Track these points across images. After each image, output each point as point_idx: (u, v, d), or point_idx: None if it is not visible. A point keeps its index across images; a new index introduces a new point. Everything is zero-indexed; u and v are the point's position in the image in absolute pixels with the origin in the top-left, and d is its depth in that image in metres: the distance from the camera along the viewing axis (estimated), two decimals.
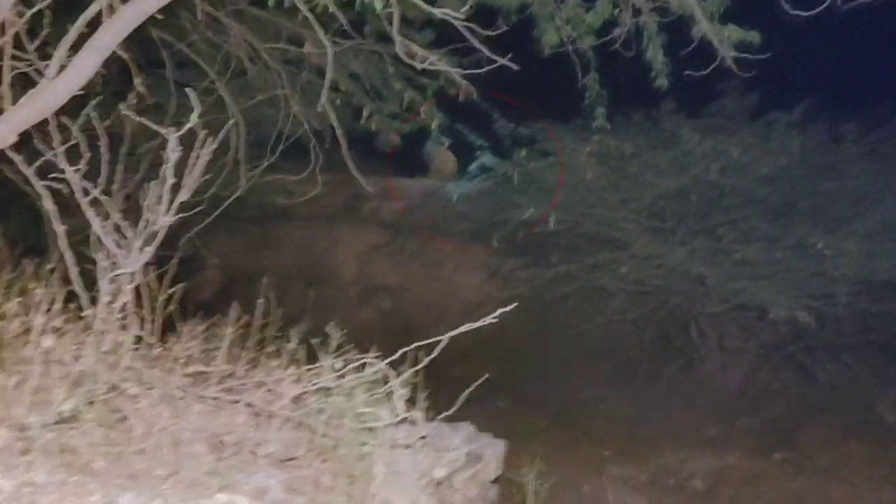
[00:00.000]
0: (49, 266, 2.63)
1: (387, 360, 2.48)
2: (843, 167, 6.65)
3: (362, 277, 11.25)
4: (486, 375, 2.94)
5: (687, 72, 4.05)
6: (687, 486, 5.94)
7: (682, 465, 6.32)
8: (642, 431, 7.44)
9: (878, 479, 6.10)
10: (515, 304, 2.88)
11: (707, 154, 6.44)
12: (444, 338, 2.55)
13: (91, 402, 2.13)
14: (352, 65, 5.63)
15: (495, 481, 3.30)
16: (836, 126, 6.82)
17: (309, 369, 2.58)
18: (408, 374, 2.40)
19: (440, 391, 3.21)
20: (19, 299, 2.45)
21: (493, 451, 3.16)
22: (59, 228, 2.52)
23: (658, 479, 6.00)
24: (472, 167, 7.81)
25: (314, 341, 2.62)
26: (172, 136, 2.28)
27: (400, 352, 2.54)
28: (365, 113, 5.68)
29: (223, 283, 11.63)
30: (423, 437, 2.51)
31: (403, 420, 2.42)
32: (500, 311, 2.55)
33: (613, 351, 7.91)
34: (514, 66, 3.53)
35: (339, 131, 5.33)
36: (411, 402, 2.58)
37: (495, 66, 3.58)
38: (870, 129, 6.82)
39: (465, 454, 2.84)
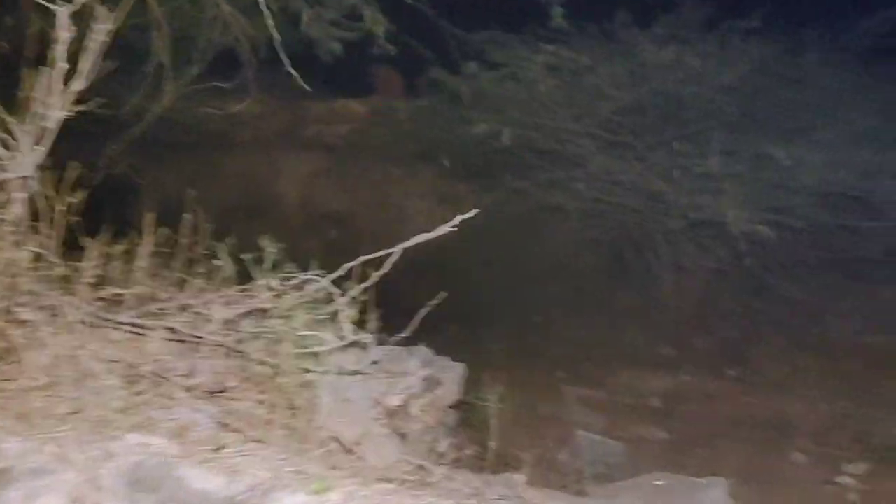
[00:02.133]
0: None
1: (331, 277, 2.17)
2: (804, 76, 6.45)
3: (306, 205, 10.82)
4: (444, 294, 2.65)
5: None
6: (644, 405, 5.87)
7: (639, 385, 6.26)
8: (597, 352, 7.35)
9: (830, 391, 6.14)
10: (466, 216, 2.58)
11: (664, 65, 6.16)
12: (396, 249, 2.26)
13: None
14: None
15: (454, 406, 3.08)
16: (796, 34, 6.59)
17: (242, 290, 2.27)
18: (355, 291, 2.10)
19: (392, 316, 2.94)
20: None
21: (452, 374, 2.93)
22: None
23: (615, 398, 5.92)
24: (420, 83, 7.39)
25: (247, 257, 2.29)
26: (62, 12, 1.88)
27: (345, 267, 2.23)
28: (304, 18, 5.19)
29: (159, 214, 11.06)
30: (374, 363, 2.24)
31: (352, 344, 2.13)
32: (458, 218, 2.25)
33: (568, 272, 7.75)
34: None
35: (276, 38, 4.85)
36: (361, 324, 2.30)
37: None
38: (831, 38, 6.62)
39: (422, 379, 2.59)
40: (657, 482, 2.37)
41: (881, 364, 6.48)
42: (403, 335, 2.48)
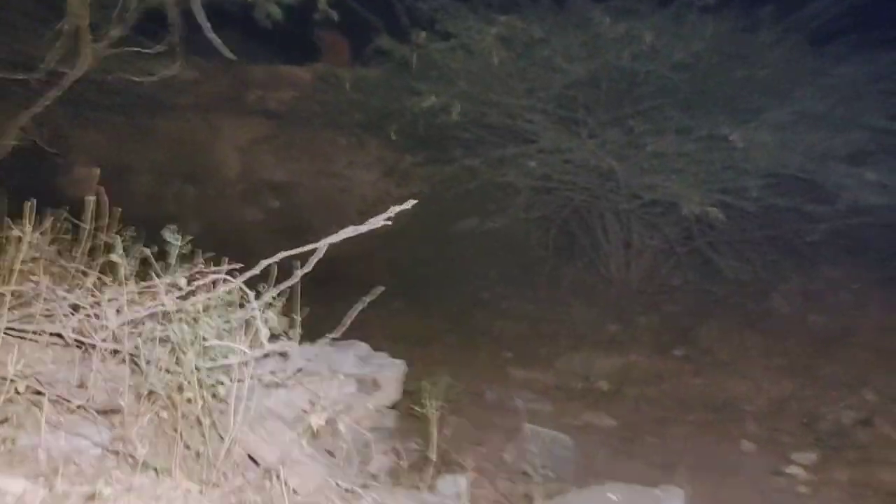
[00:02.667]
0: None
1: (246, 275, 1.87)
2: (757, 55, 6.29)
3: (247, 174, 10.36)
4: (381, 289, 2.37)
5: None
6: (592, 389, 5.72)
7: (587, 366, 6.11)
8: (545, 331, 7.20)
9: (775, 371, 6.10)
10: (414, 202, 2.29)
11: (618, 39, 5.90)
12: (321, 245, 1.97)
13: None
14: None
15: (394, 406, 2.82)
16: (751, 11, 6.42)
17: (146, 287, 1.95)
18: (272, 293, 1.81)
19: (332, 300, 2.66)
20: None
21: (391, 373, 2.66)
22: None
23: (563, 381, 5.76)
24: (367, 51, 7.00)
25: (149, 251, 1.96)
26: None
27: (263, 264, 1.93)
28: None
29: (93, 181, 10.47)
30: (298, 371, 1.95)
31: (273, 351, 1.84)
32: (395, 209, 1.97)
33: (517, 250, 7.55)
34: None
35: None
36: (288, 323, 2.01)
37: None
38: (784, 15, 6.46)
39: (356, 382, 2.32)
40: (611, 495, 2.16)
41: (824, 343, 6.48)
42: (333, 336, 2.20)
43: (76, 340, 1.73)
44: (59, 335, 1.75)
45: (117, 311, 1.71)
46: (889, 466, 4.22)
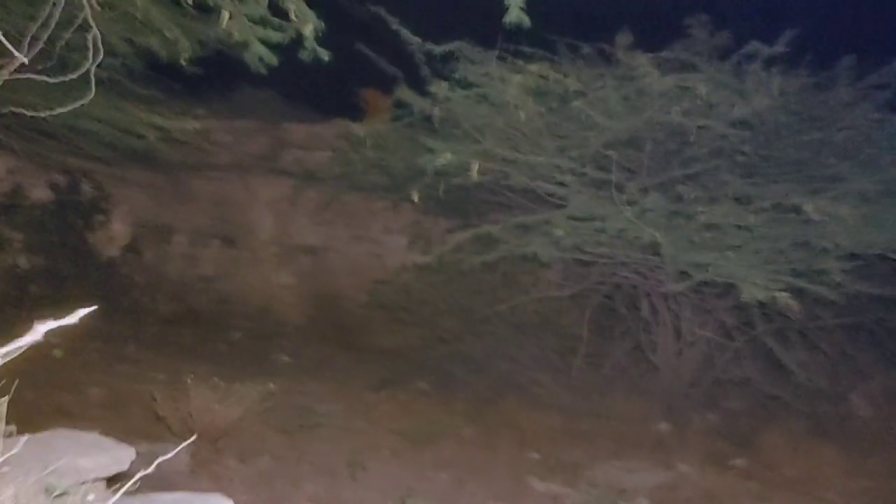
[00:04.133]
0: None
1: None
2: (833, 114, 5.24)
3: (281, 236, 9.72)
4: None
5: None
6: None
7: (625, 477, 4.98)
8: (580, 427, 6.09)
9: (858, 495, 4.86)
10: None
11: (667, 93, 4.98)
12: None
13: None
14: None
15: None
16: (825, 64, 5.41)
17: None
18: None
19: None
20: None
21: None
22: None
23: (592, 499, 4.63)
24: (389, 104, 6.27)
25: None
26: None
27: None
28: (224, 16, 4.07)
29: (131, 238, 10.00)
30: None
31: None
32: None
33: (551, 328, 6.50)
34: None
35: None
36: None
37: None
38: (865, 71, 5.42)
39: None
40: None
41: None
42: None
43: None
44: None
45: None
46: None
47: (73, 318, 1.37)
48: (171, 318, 9.62)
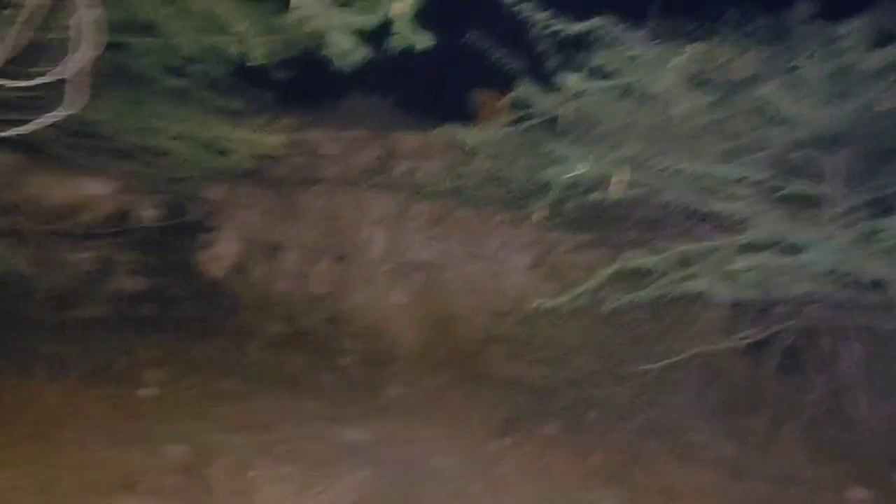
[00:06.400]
0: None
1: None
2: None
3: (393, 253, 8.85)
4: None
5: None
6: None
7: None
8: (750, 488, 4.79)
9: None
10: None
11: (879, 71, 3.62)
12: None
13: None
14: None
15: None
16: None
17: None
18: None
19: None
20: None
21: None
22: None
23: None
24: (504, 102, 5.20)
25: None
26: None
27: None
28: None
29: (238, 257, 9.50)
30: None
31: None
32: None
33: (712, 376, 5.21)
34: None
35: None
36: None
37: None
38: None
39: None
40: None
41: None
42: None
43: None
44: None
45: None
46: None
47: None
48: (277, 341, 9.00)
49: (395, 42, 3.01)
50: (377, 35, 3.31)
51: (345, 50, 3.37)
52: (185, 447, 4.76)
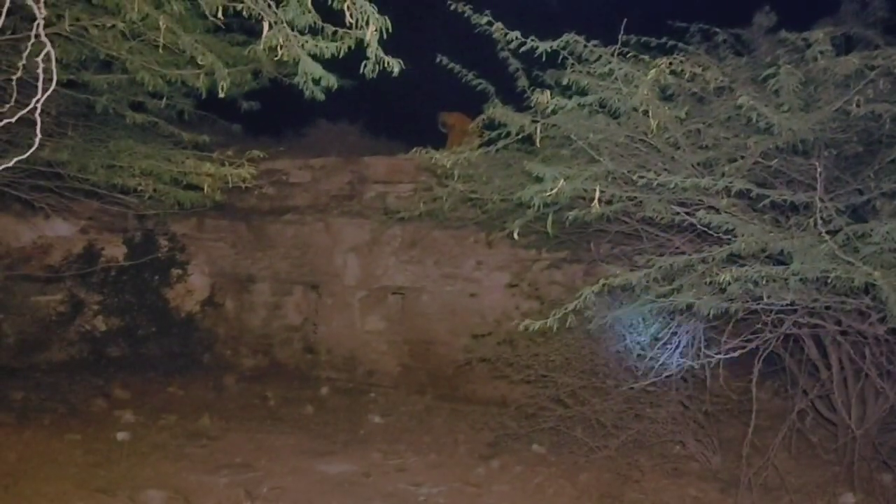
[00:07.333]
0: None
1: None
2: None
3: (367, 279, 8.70)
4: None
5: None
6: None
7: None
8: (741, 500, 4.73)
9: None
10: None
11: (849, 74, 3.61)
12: None
13: None
14: None
15: None
16: None
17: None
18: None
19: None
20: None
21: None
22: None
23: None
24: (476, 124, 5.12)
25: None
26: None
27: None
28: (265, 28, 3.03)
29: (210, 291, 9.28)
30: None
31: None
32: None
33: (696, 387, 5.16)
34: None
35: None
36: None
37: None
38: None
39: None
40: None
41: None
42: None
43: None
44: None
45: None
46: None
47: None
48: (254, 374, 8.79)
49: (368, 68, 2.92)
50: (344, 61, 3.23)
51: (315, 78, 3.28)
52: (165, 492, 4.56)
